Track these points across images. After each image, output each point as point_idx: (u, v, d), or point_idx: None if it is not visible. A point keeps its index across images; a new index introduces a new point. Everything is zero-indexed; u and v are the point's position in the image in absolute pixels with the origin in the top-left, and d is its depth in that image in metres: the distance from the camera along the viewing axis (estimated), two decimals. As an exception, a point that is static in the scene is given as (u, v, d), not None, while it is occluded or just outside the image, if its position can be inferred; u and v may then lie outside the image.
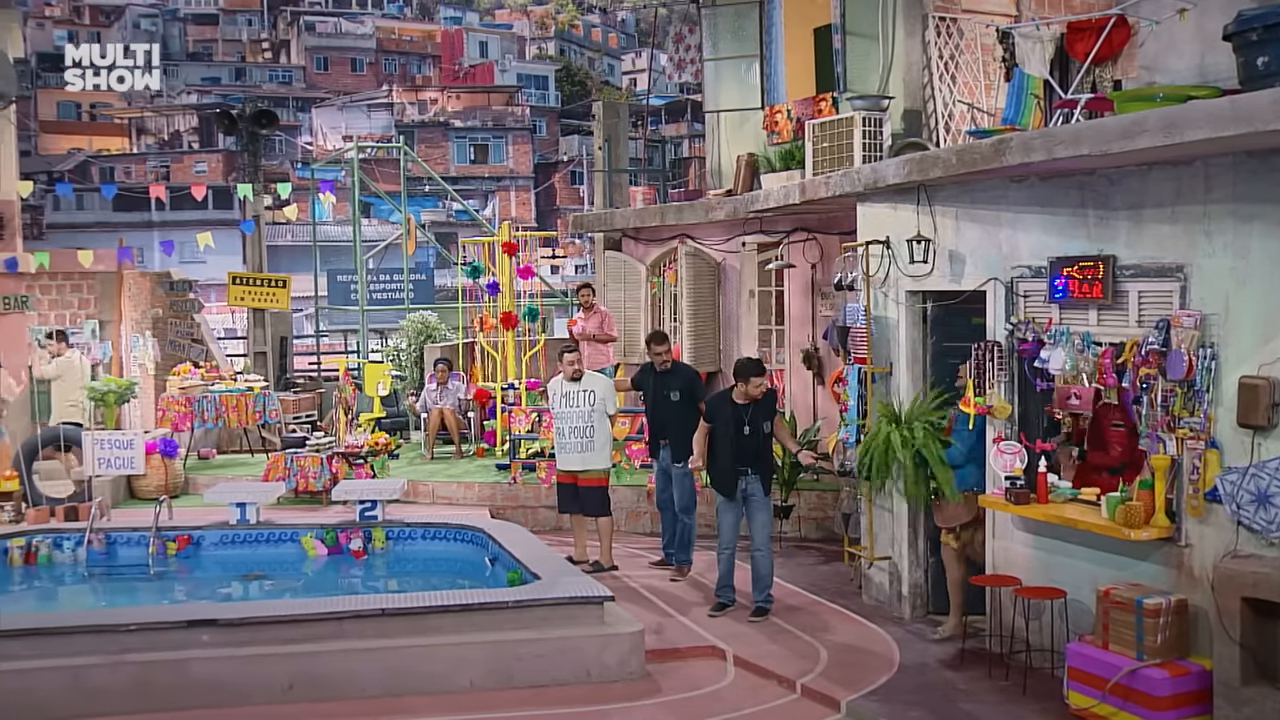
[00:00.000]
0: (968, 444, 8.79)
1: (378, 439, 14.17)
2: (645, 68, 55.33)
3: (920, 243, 9.02)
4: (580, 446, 10.81)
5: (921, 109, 11.07)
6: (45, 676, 7.69)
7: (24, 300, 16.13)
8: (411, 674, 8.02)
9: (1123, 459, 7.85)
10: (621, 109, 20.37)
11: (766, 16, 14.17)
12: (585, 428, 10.80)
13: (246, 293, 18.40)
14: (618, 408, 11.36)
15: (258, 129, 19.12)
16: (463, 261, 17.20)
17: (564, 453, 10.95)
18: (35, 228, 49.60)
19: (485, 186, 64.04)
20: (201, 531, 11.30)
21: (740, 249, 14.16)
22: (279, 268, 22.47)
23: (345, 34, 76.44)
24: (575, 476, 10.92)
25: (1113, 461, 7.94)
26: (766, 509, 9.69)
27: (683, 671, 8.46)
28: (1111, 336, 7.54)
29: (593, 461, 10.84)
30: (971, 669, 8.19)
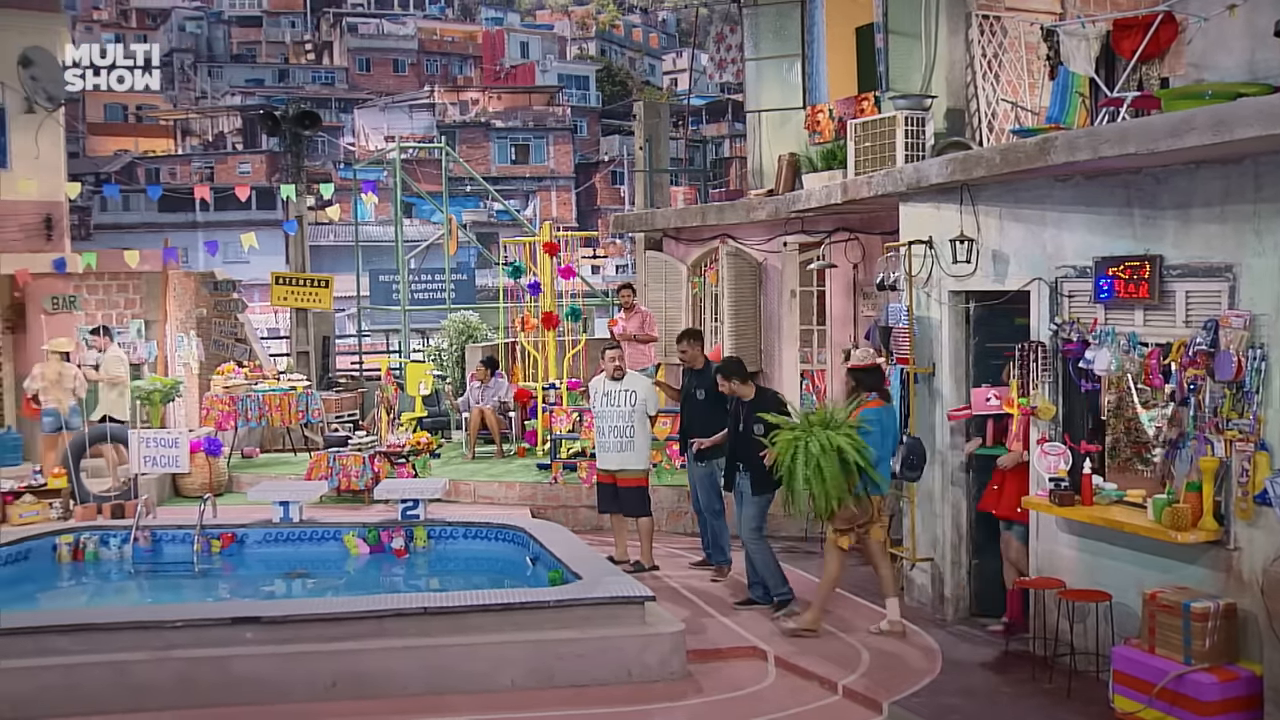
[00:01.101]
0: (879, 449, 8.86)
1: (419, 438, 14.22)
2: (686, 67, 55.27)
3: (963, 242, 8.96)
4: (619, 446, 10.80)
5: (964, 108, 11.00)
6: (92, 671, 7.78)
7: (72, 300, 16.35)
8: (453, 673, 8.04)
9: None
10: (662, 109, 20.41)
11: (808, 16, 14.11)
12: (625, 427, 10.77)
13: (289, 293, 18.52)
14: (659, 408, 11.29)
15: (301, 130, 19.26)
16: (504, 261, 17.24)
17: (603, 452, 10.94)
18: (83, 228, 50.26)
19: (526, 187, 64.23)
20: (245, 529, 11.38)
21: (781, 249, 14.11)
22: (321, 268, 22.62)
23: (387, 35, 76.87)
24: (614, 476, 10.91)
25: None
26: (750, 505, 9.65)
27: (724, 672, 8.44)
28: (1158, 337, 7.46)
29: (631, 462, 10.81)
30: (1015, 672, 8.12)
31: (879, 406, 9.15)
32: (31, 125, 16.30)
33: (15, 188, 15.70)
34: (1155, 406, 7.58)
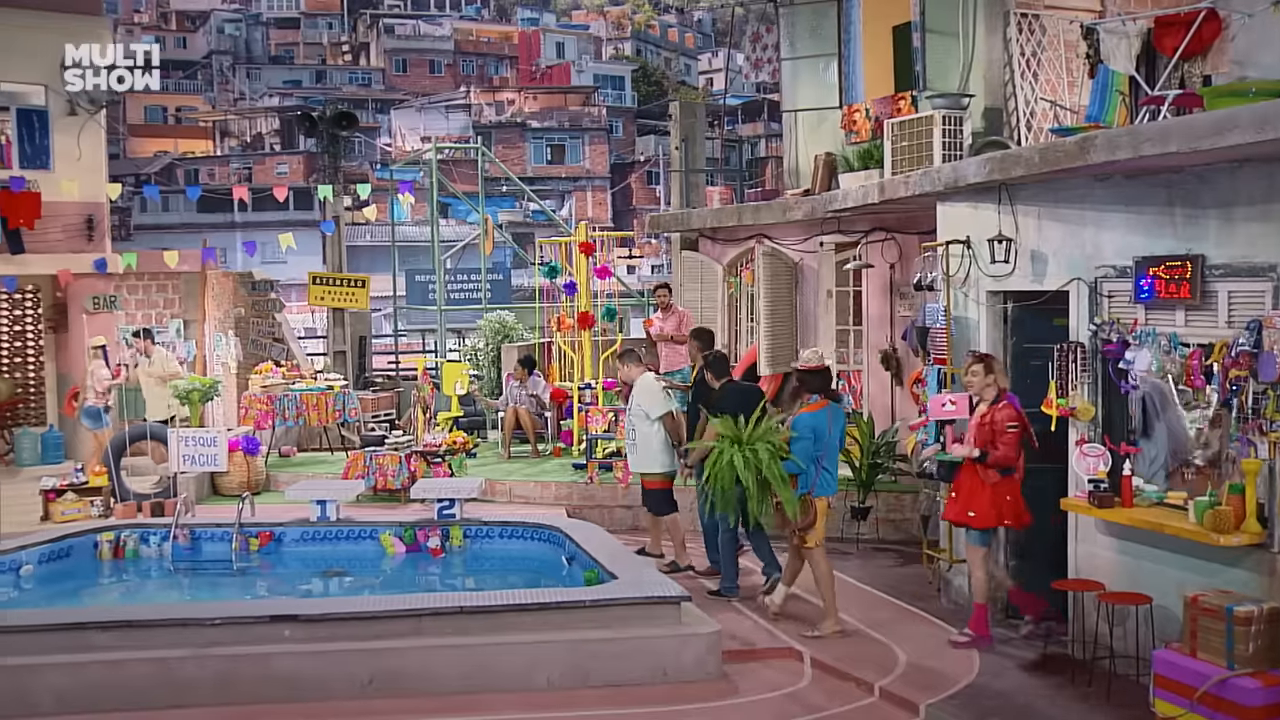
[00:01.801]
0: (806, 452, 8.97)
1: (455, 438, 14.27)
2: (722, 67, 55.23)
3: (1001, 242, 8.91)
4: (631, 449, 11.16)
5: (1003, 107, 10.95)
6: (134, 668, 7.86)
7: (112, 300, 16.52)
8: (489, 671, 8.06)
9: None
10: (698, 109, 20.37)
11: (845, 15, 14.08)
12: (631, 430, 11.03)
13: (326, 292, 18.63)
14: (665, 409, 10.92)
15: (338, 131, 19.36)
16: (540, 261, 17.28)
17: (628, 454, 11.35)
18: (123, 229, 50.73)
19: (562, 187, 64.33)
20: (283, 528, 11.45)
21: (818, 249, 14.08)
22: (358, 268, 22.73)
23: (423, 36, 77.21)
24: (640, 477, 11.16)
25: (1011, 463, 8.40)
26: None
27: (760, 673, 8.42)
28: (1200, 337, 7.39)
29: (639, 464, 11.01)
30: (1053, 675, 8.06)
31: (819, 409, 9.14)
32: (74, 127, 16.49)
33: (58, 189, 15.87)
34: (1197, 408, 7.51)
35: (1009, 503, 8.49)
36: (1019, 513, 8.54)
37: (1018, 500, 8.50)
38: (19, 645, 7.96)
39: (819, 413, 9.13)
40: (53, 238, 16.26)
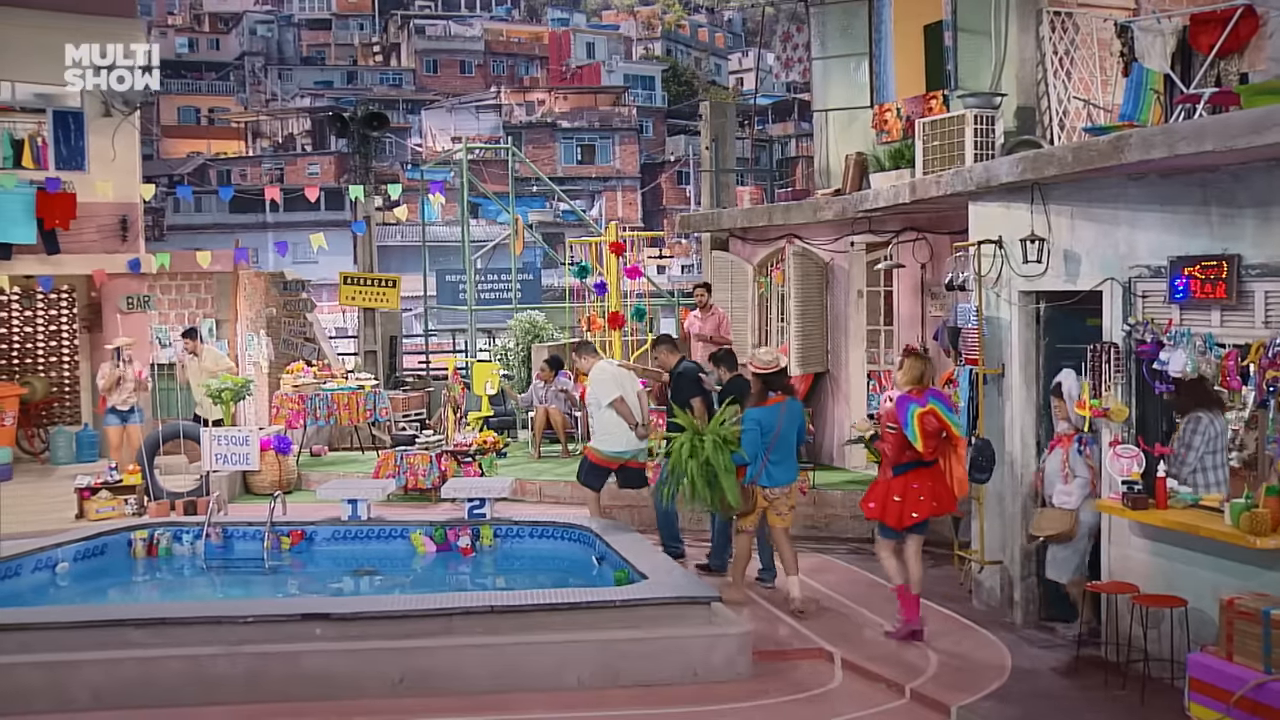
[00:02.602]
0: (752, 444, 9.42)
1: (486, 438, 14.31)
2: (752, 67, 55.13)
3: (1034, 242, 8.85)
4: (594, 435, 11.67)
5: (1035, 106, 10.88)
6: (167, 665, 7.92)
7: (146, 300, 16.65)
8: (519, 671, 8.08)
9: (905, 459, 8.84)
10: (728, 109, 20.31)
11: (876, 14, 14.02)
12: (591, 419, 11.74)
13: (357, 292, 18.71)
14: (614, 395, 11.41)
15: (369, 131, 19.44)
16: (570, 261, 17.29)
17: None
18: (156, 229, 51.16)
19: (592, 187, 64.43)
20: (314, 527, 11.50)
21: (849, 249, 14.04)
22: (389, 268, 22.83)
23: (454, 36, 77.46)
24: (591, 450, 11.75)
25: (929, 456, 8.80)
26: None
27: (790, 673, 8.40)
28: (1236, 338, 7.32)
29: (602, 445, 11.49)
30: (1087, 677, 8.00)
31: (771, 405, 9.59)
32: (108, 128, 16.63)
33: (93, 190, 16.01)
34: (1233, 409, 7.44)
35: (895, 503, 8.87)
36: (903, 513, 8.85)
37: (906, 499, 8.85)
38: (56, 641, 8.04)
39: (770, 408, 9.57)
40: (87, 238, 16.41)
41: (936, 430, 8.75)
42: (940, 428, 8.77)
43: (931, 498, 8.90)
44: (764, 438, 9.46)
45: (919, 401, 8.76)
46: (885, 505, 8.96)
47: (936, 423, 8.73)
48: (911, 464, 8.87)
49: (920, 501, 8.88)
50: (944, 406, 8.84)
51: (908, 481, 8.89)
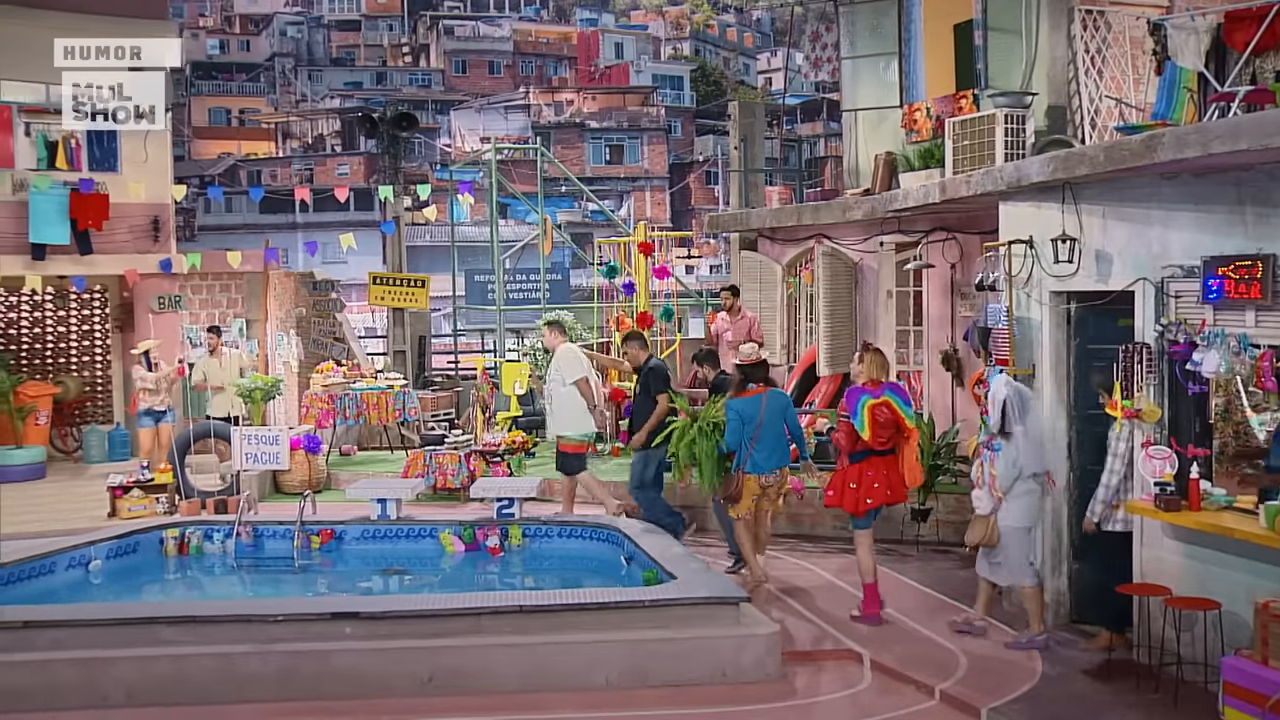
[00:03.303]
0: (734, 433, 9.96)
1: (515, 437, 14.34)
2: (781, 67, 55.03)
3: (1065, 242, 8.79)
4: (550, 415, 12.27)
5: (1066, 105, 10.82)
6: (199, 662, 7.97)
7: (177, 300, 16.77)
8: (548, 671, 8.09)
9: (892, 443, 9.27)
10: (757, 108, 20.29)
11: (905, 13, 13.97)
12: (549, 396, 12.21)
13: (386, 292, 18.78)
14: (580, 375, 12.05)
15: (398, 132, 19.51)
16: (599, 262, 17.30)
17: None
18: (187, 230, 51.52)
19: (620, 187, 64.46)
20: (344, 526, 11.55)
21: (878, 249, 13.99)
22: (418, 268, 22.88)
23: (483, 37, 77.66)
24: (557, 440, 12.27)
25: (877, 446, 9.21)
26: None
27: (819, 674, 8.38)
28: (1271, 338, 7.26)
29: (557, 428, 12.16)
30: (1118, 681, 7.95)
31: (751, 395, 10.09)
32: (140, 130, 16.71)
33: (125, 190, 16.12)
34: (1266, 410, 7.37)
35: (851, 490, 9.31)
36: (858, 499, 9.29)
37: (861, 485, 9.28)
38: (90, 638, 8.09)
39: (750, 398, 10.05)
40: (120, 239, 16.54)
41: (889, 422, 9.16)
42: (894, 419, 9.19)
43: (885, 485, 9.30)
44: (746, 427, 9.94)
45: (873, 394, 9.20)
46: (842, 492, 9.39)
47: (890, 414, 9.16)
48: (865, 453, 9.27)
49: (874, 489, 9.28)
50: (899, 399, 9.25)
51: (862, 470, 9.29)
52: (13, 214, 15.75)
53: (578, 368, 12.05)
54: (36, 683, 7.84)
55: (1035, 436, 8.75)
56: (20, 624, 8.17)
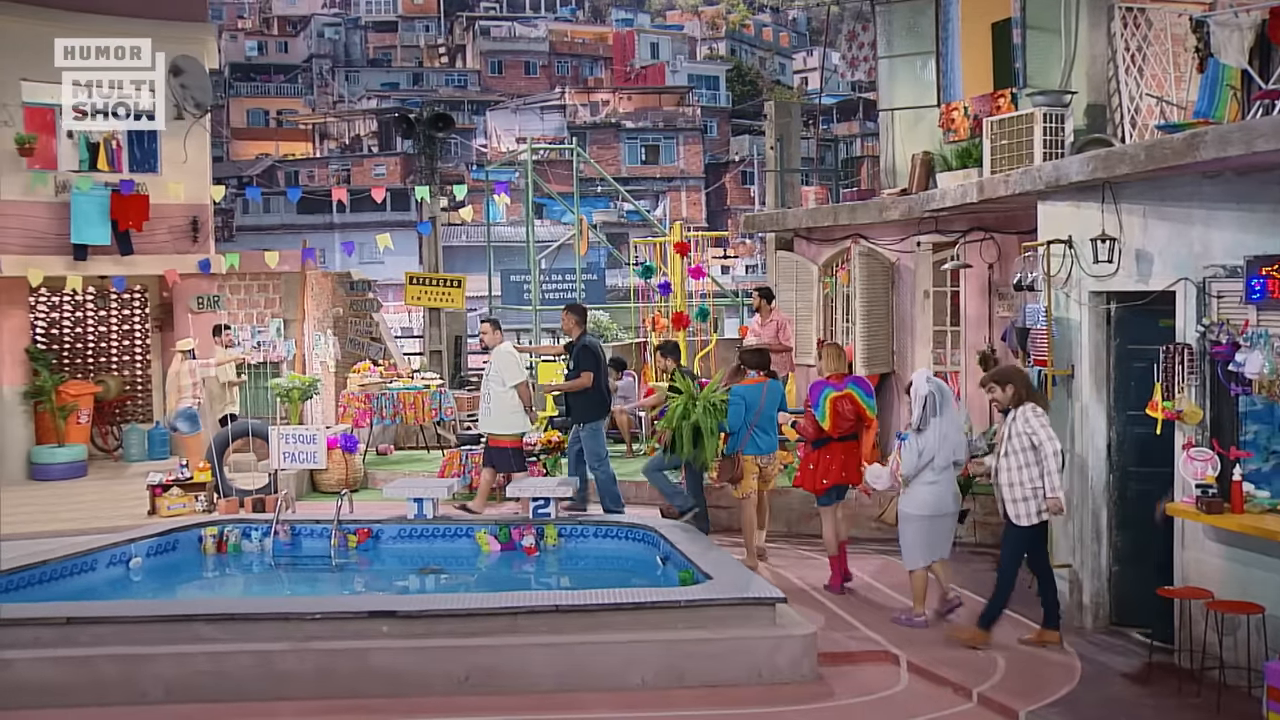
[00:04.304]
0: (737, 416, 10.74)
1: (550, 437, 14.34)
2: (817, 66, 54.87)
3: (1105, 242, 8.73)
4: (485, 412, 12.42)
5: (1106, 103, 10.73)
6: (237, 659, 8.02)
7: (216, 300, 16.89)
8: (584, 670, 8.09)
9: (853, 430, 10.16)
10: (793, 108, 20.25)
11: (943, 12, 13.89)
12: (486, 394, 12.38)
13: (423, 292, 18.85)
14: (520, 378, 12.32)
15: (435, 132, 19.58)
16: (635, 262, 17.31)
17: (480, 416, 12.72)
18: (226, 230, 51.87)
19: (656, 187, 64.44)
20: (380, 525, 11.61)
21: (915, 249, 13.92)
22: (454, 268, 22.99)
23: (519, 38, 77.85)
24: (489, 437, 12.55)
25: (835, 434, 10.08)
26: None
27: (855, 676, 8.34)
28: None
29: (490, 426, 12.41)
30: (1159, 684, 7.87)
31: (754, 383, 10.90)
32: (180, 131, 16.87)
33: (165, 191, 16.26)
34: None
35: (810, 471, 10.24)
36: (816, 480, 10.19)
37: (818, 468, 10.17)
38: (131, 635, 8.18)
39: (753, 386, 10.89)
40: (159, 239, 16.66)
41: (851, 412, 10.06)
42: (856, 410, 10.09)
43: (841, 468, 10.17)
44: (748, 413, 10.74)
45: (836, 386, 10.10)
46: (803, 474, 10.38)
47: (852, 405, 10.06)
48: (826, 440, 10.13)
49: (830, 470, 10.15)
50: (861, 391, 10.17)
51: (821, 454, 10.19)
52: (55, 215, 15.90)
53: (518, 372, 12.37)
54: (78, 678, 7.91)
55: (952, 431, 9.26)
56: (63, 620, 8.26)
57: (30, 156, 15.85)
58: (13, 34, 15.19)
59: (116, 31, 15.33)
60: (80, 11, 15.75)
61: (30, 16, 15.42)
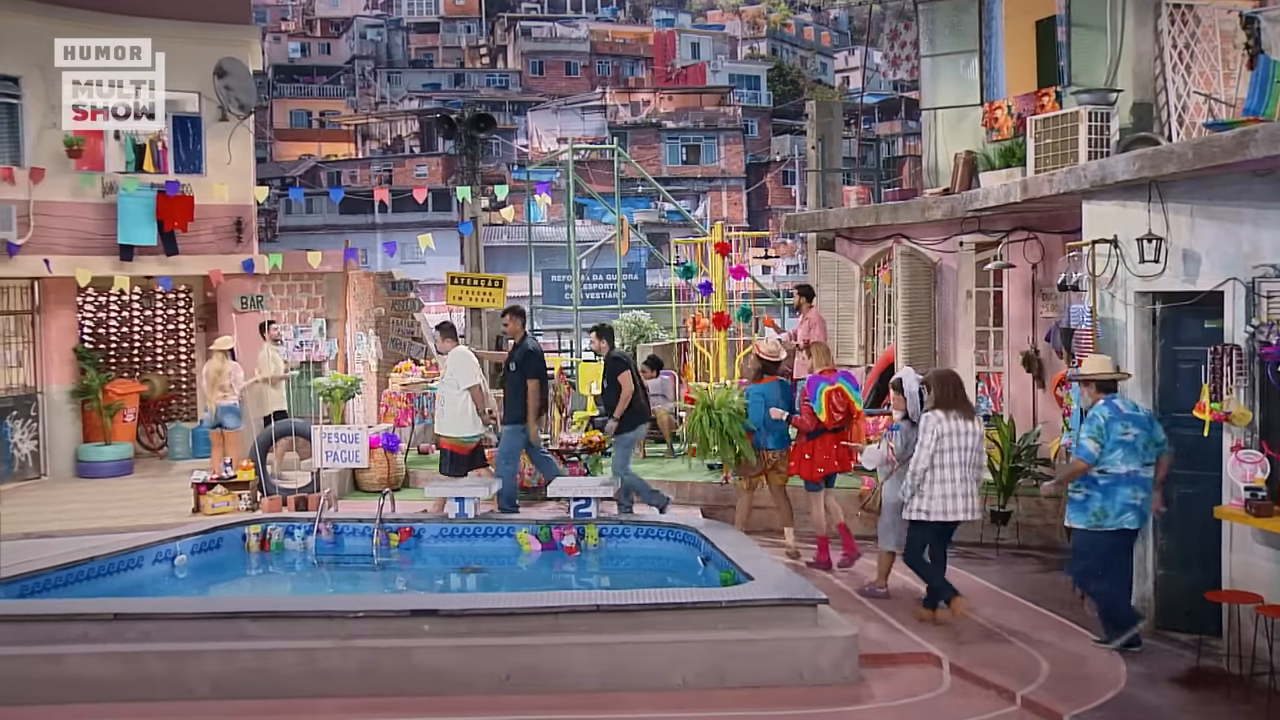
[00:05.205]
0: (758, 416, 11.28)
1: (591, 437, 14.36)
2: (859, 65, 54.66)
3: (1151, 241, 8.65)
4: (439, 415, 12.71)
5: (1152, 101, 10.62)
6: (281, 657, 8.08)
7: (259, 300, 17.01)
8: (626, 670, 8.09)
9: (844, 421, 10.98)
10: (835, 108, 20.14)
11: (986, 10, 13.80)
12: (442, 398, 12.65)
13: (464, 292, 18.85)
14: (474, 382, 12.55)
15: (476, 133, 19.60)
16: (675, 262, 17.29)
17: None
18: (269, 230, 52.30)
19: (697, 187, 64.39)
20: (422, 524, 11.66)
21: (957, 249, 13.84)
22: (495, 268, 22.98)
23: (560, 38, 78.01)
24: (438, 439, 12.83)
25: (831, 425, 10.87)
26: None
27: (897, 677, 8.30)
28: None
29: (443, 428, 12.65)
30: (1206, 690, 7.78)
31: (767, 383, 11.45)
32: (224, 132, 17.03)
33: (210, 192, 16.40)
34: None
35: (805, 460, 11.01)
36: (812, 468, 10.97)
37: (814, 456, 10.95)
38: (177, 632, 8.25)
39: (768, 385, 11.45)
40: (204, 239, 16.81)
41: (842, 405, 10.86)
42: (847, 402, 10.91)
43: (834, 457, 10.97)
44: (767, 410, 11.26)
45: (829, 381, 10.90)
46: (800, 463, 11.08)
47: (842, 399, 10.86)
48: (820, 431, 10.89)
49: (826, 459, 10.96)
50: (850, 385, 11.07)
51: (815, 445, 10.97)
52: (102, 216, 16.07)
53: (472, 374, 12.57)
54: (126, 674, 7.99)
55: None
56: (111, 616, 8.35)
57: (78, 158, 16.05)
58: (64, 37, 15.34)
59: (164, 34, 15.48)
60: (127, 15, 15.92)
61: (77, 19, 15.59)
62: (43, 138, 15.71)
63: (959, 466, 9.04)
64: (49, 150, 15.81)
